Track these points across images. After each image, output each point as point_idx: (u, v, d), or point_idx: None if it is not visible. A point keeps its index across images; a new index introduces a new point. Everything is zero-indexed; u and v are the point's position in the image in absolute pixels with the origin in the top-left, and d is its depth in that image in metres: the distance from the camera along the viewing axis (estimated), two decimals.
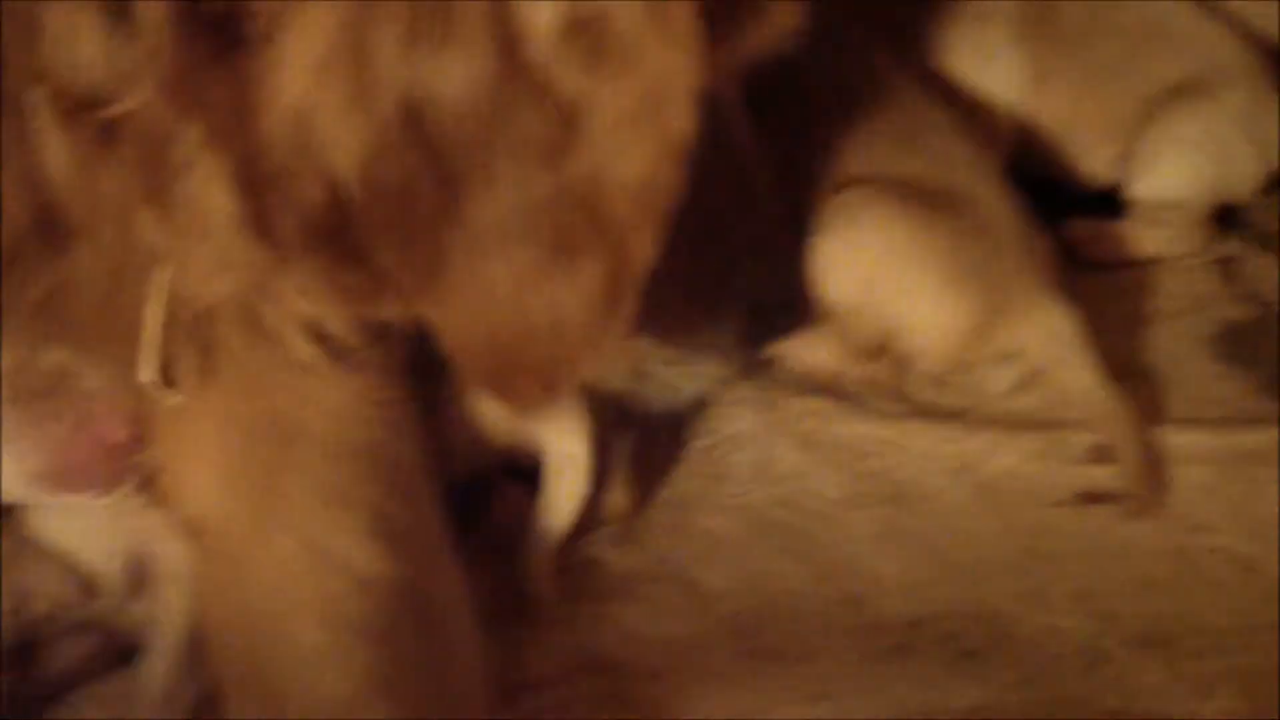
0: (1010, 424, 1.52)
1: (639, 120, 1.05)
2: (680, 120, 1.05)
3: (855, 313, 1.53)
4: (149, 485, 1.34)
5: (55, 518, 1.34)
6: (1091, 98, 1.81)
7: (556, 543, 1.39)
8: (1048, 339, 1.52)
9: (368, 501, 1.29)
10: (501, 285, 1.10)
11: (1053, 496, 1.44)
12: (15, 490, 1.32)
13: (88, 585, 1.33)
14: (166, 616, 1.31)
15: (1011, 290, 1.54)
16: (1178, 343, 1.64)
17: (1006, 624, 1.33)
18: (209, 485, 1.31)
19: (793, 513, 1.44)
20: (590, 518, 1.42)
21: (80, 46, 1.04)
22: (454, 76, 1.03)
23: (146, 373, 1.24)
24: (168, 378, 1.26)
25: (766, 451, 1.50)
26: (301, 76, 1.01)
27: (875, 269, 1.52)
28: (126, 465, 1.32)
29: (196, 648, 1.29)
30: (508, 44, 1.03)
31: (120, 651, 1.33)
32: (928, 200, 1.55)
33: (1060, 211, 1.75)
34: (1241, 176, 1.78)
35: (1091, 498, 1.44)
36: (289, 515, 1.28)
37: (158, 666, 1.30)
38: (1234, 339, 1.61)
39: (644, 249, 1.09)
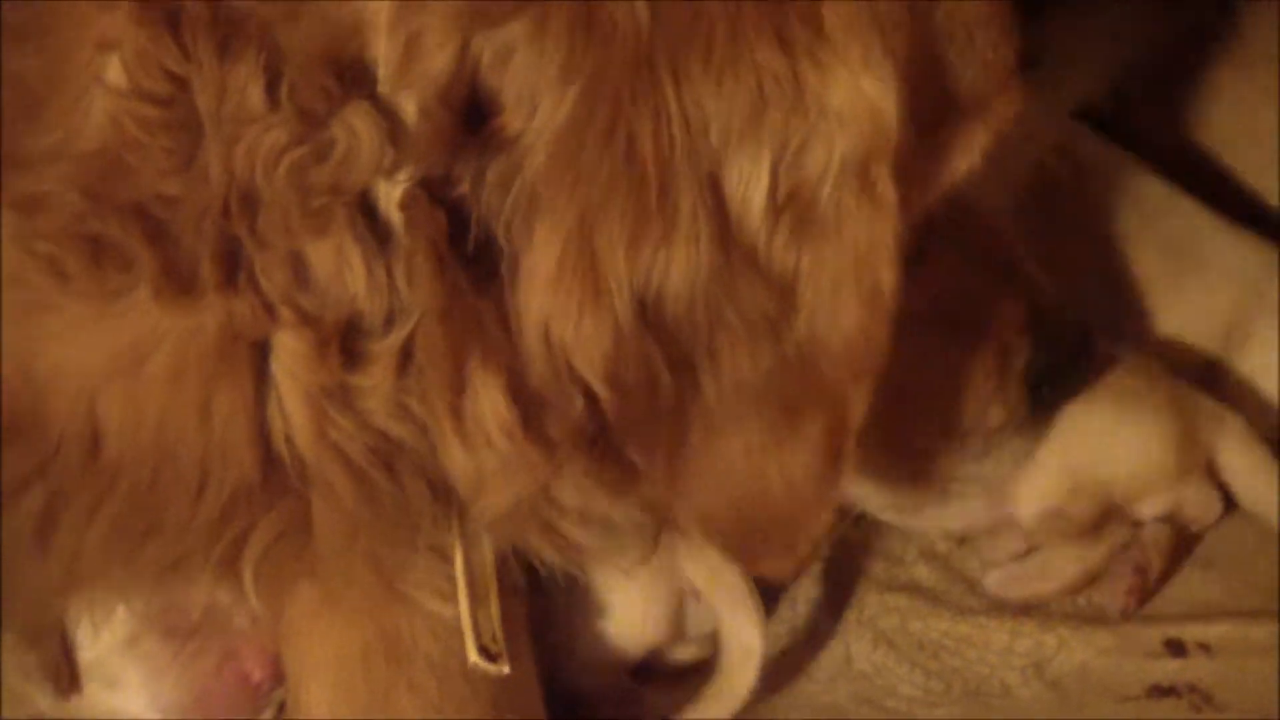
0: (1083, 619, 1.54)
1: (848, 283, 1.07)
2: (886, 276, 1.07)
3: (1072, 500, 1.57)
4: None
5: None
6: None
7: None
8: (1238, 444, 1.58)
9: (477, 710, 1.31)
10: (738, 458, 1.13)
11: (1125, 691, 1.47)
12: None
13: None
14: None
15: (1192, 401, 1.60)
16: None
17: None
18: (327, 704, 1.33)
19: (873, 710, 1.48)
20: None
21: (346, 280, 1.07)
22: (679, 268, 1.05)
23: (471, 652, 1.29)
24: (490, 651, 1.30)
25: (845, 648, 1.54)
26: (542, 288, 1.05)
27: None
28: (264, 701, 1.37)
29: None
30: (723, 228, 1.05)
31: None
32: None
33: None
34: None
35: (1162, 691, 1.46)
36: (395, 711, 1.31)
37: None
38: None
39: (860, 403, 1.12)
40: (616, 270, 1.05)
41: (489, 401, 1.11)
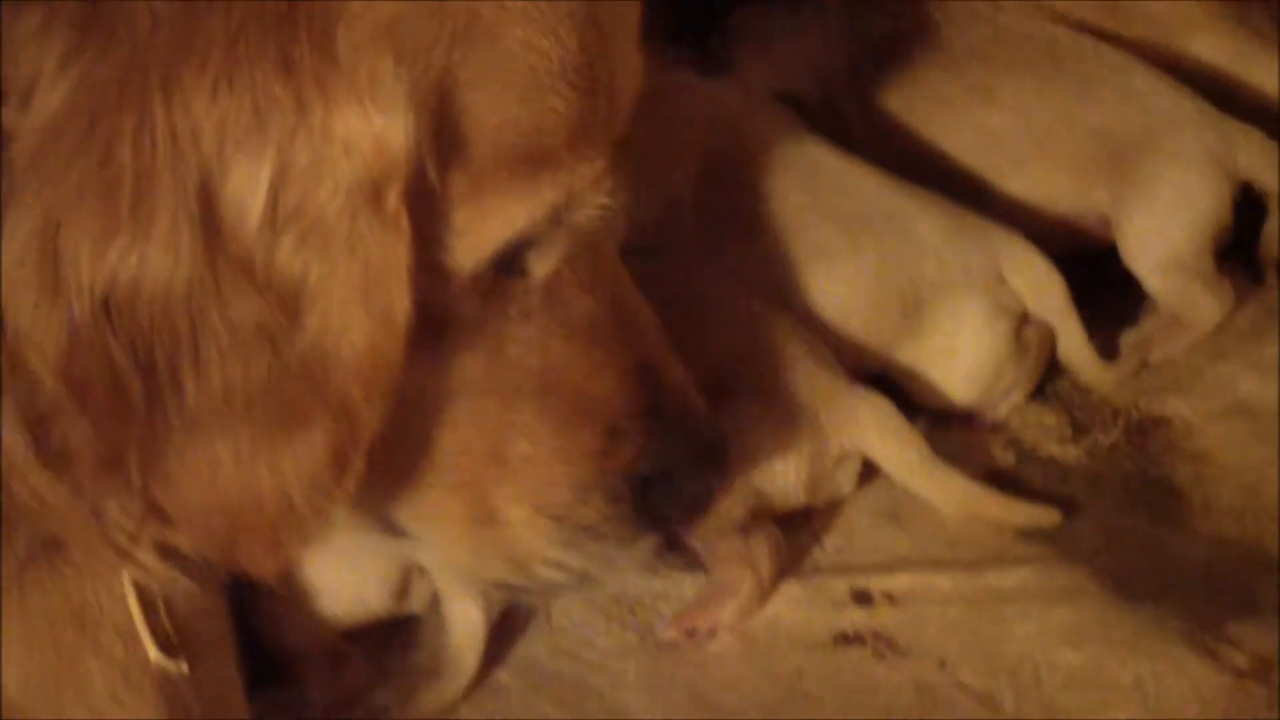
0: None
1: (359, 300, 1.09)
2: (399, 298, 1.10)
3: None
4: None
5: None
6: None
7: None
8: (876, 431, 1.62)
9: (161, 682, 1.31)
10: (226, 461, 1.13)
11: (813, 640, 1.51)
12: None
13: None
14: None
15: (831, 401, 1.62)
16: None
17: None
18: (18, 673, 1.31)
19: (567, 662, 1.50)
20: None
21: None
22: (153, 271, 1.06)
23: (152, 653, 1.29)
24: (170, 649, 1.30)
25: (544, 604, 1.55)
26: (5, 278, 1.05)
27: None
28: None
29: None
30: (212, 236, 1.06)
31: None
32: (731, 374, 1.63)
33: None
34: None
35: (848, 639, 1.51)
36: (86, 695, 1.31)
37: None
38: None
39: (371, 420, 1.14)
40: (78, 267, 1.06)
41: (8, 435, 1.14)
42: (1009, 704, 1.43)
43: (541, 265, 1.24)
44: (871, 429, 1.61)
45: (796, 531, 1.62)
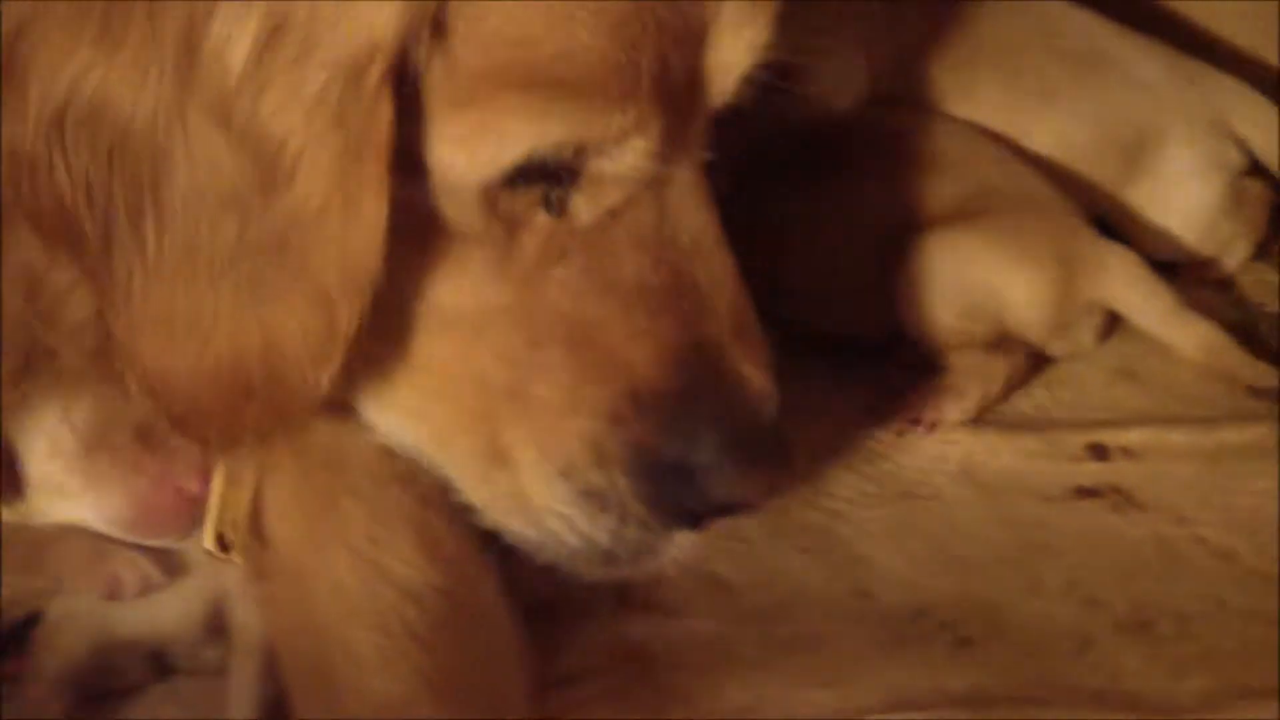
0: (1010, 425, 1.62)
1: (337, 181, 1.07)
2: (375, 187, 1.08)
3: (968, 326, 1.65)
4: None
5: None
6: None
7: None
8: (1123, 282, 1.65)
9: (412, 519, 1.35)
10: (205, 316, 1.13)
11: (1047, 492, 1.55)
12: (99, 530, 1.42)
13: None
14: (242, 653, 1.40)
15: (1079, 249, 1.65)
16: None
17: (1002, 612, 1.44)
18: (273, 513, 1.37)
19: (810, 511, 1.55)
20: None
21: None
22: (118, 89, 1.05)
23: (207, 537, 1.34)
24: (224, 544, 1.35)
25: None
26: None
27: (970, 287, 1.64)
28: (202, 512, 1.41)
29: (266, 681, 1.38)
30: (187, 68, 1.05)
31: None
32: (980, 209, 1.67)
33: None
34: None
35: (1085, 492, 1.54)
36: (344, 534, 1.35)
37: (241, 699, 1.39)
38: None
39: (350, 320, 1.12)
40: (40, 72, 1.06)
41: None
42: (1248, 557, 1.46)
43: (587, 209, 1.19)
44: (1119, 278, 1.63)
45: (1031, 385, 1.66)
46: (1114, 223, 1.77)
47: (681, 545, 1.26)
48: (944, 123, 1.79)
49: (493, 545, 1.37)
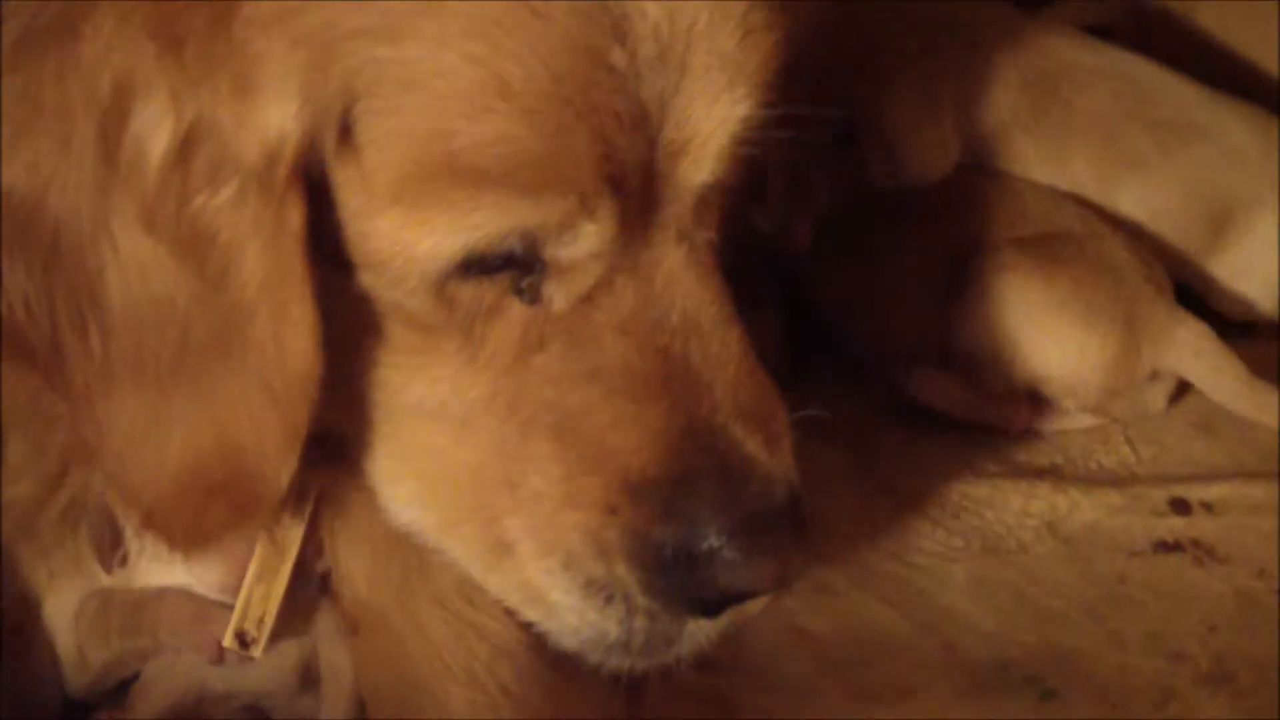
0: (1092, 481, 1.66)
1: (266, 283, 1.08)
2: (297, 287, 1.08)
3: (996, 362, 1.68)
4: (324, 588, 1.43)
5: None
6: None
7: None
8: (1191, 353, 1.68)
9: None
10: (160, 420, 1.15)
11: (1130, 546, 1.58)
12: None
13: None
14: (333, 703, 1.43)
15: (1147, 315, 1.68)
16: None
17: (1086, 664, 1.46)
18: (366, 571, 1.38)
19: (895, 564, 1.58)
20: None
21: None
22: (52, 192, 1.07)
23: (227, 638, 1.35)
24: (244, 641, 1.36)
25: (870, 509, 1.64)
26: None
27: (1018, 325, 1.67)
28: (306, 577, 1.42)
29: None
30: (110, 156, 1.07)
31: None
32: (1055, 253, 1.70)
33: None
34: None
35: (1167, 546, 1.57)
36: (435, 591, 1.36)
37: None
38: None
39: (300, 417, 1.13)
40: None
41: None
42: None
43: (561, 296, 1.16)
44: (1188, 351, 1.66)
45: (1111, 442, 1.70)
46: (1195, 287, 1.81)
47: (698, 635, 1.21)
48: (1029, 183, 1.84)
49: None
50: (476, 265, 1.12)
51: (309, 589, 1.42)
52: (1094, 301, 1.67)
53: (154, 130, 1.06)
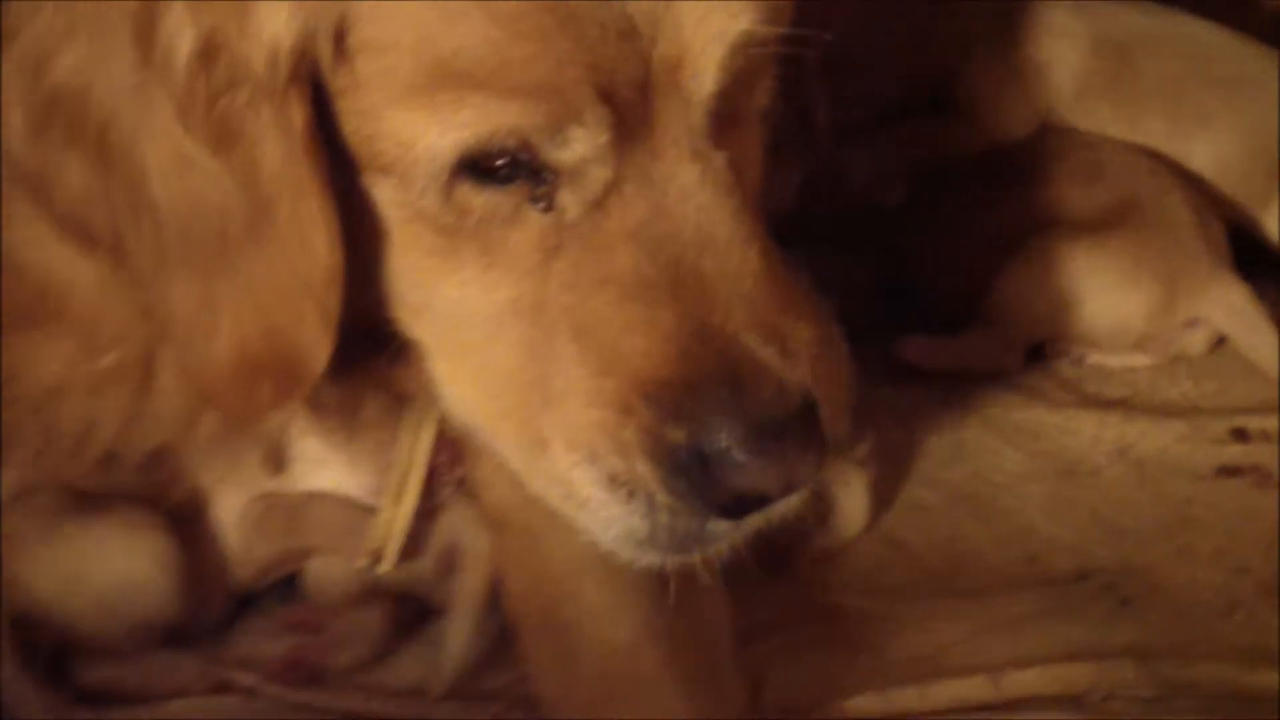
0: (1162, 411, 1.79)
1: (284, 178, 1.17)
2: (311, 185, 1.17)
3: (1038, 313, 1.83)
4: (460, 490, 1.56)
5: None
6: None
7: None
8: (1225, 310, 1.81)
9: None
10: (211, 307, 1.23)
11: (1197, 471, 1.71)
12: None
13: None
14: (470, 590, 1.53)
15: (1190, 271, 1.81)
16: None
17: (1157, 577, 1.60)
18: (507, 476, 1.40)
19: (981, 484, 1.71)
20: None
21: None
22: (96, 76, 1.16)
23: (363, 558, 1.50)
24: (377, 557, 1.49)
25: (958, 434, 1.78)
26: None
27: (1068, 279, 1.82)
28: (442, 480, 1.56)
29: (489, 613, 1.52)
30: (145, 52, 1.15)
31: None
32: (1114, 216, 1.84)
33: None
34: None
35: (1229, 471, 1.71)
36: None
37: (462, 629, 1.53)
38: None
39: (331, 306, 1.22)
40: (35, 55, 1.18)
41: None
42: None
43: (573, 204, 1.20)
44: (1220, 307, 1.80)
45: (1176, 376, 1.84)
46: (1257, 235, 1.93)
47: (723, 536, 1.24)
48: (1106, 140, 1.97)
49: None
50: (481, 168, 1.17)
51: (441, 495, 1.56)
52: (1141, 258, 1.81)
53: (178, 36, 1.14)
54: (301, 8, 1.14)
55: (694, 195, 1.22)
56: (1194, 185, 1.90)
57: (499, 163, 1.17)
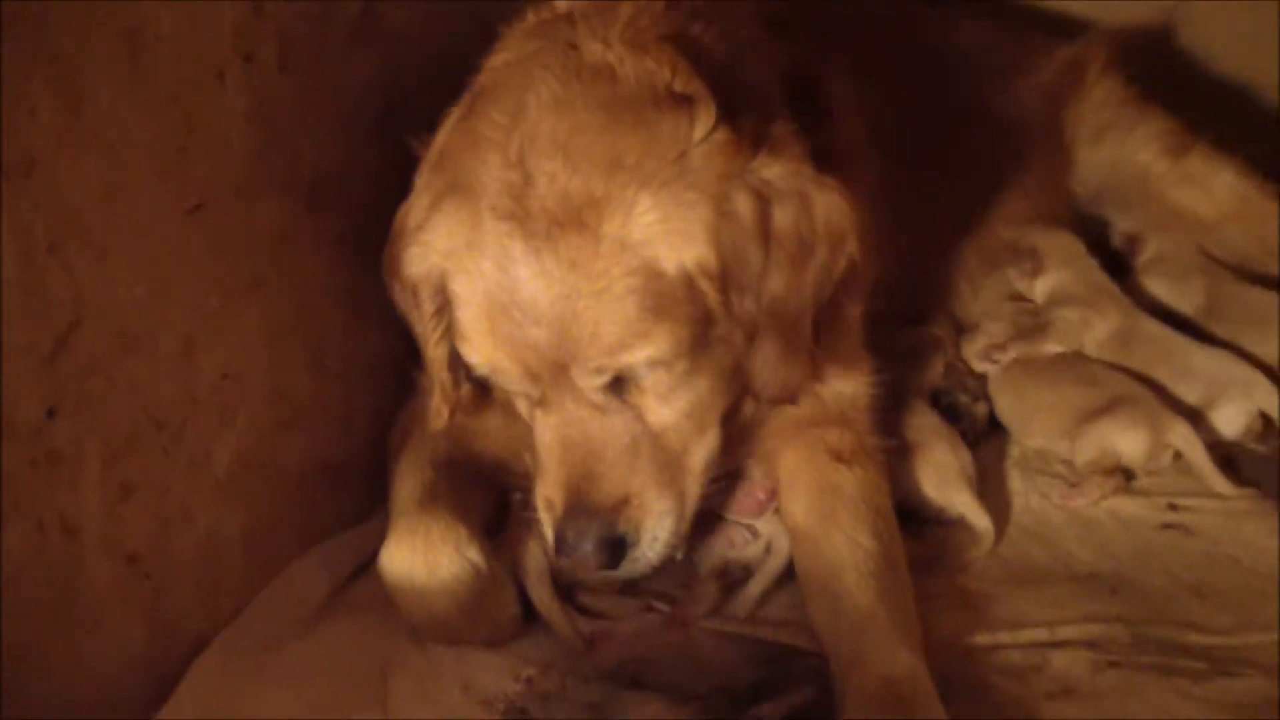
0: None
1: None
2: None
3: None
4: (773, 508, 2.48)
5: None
6: None
7: None
8: (1182, 441, 2.73)
9: (870, 518, 2.35)
10: (771, 360, 2.13)
11: (1149, 523, 2.71)
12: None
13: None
14: (773, 566, 2.44)
15: (1161, 421, 2.73)
16: None
17: (1134, 578, 2.56)
18: (799, 505, 2.42)
19: (1031, 520, 2.73)
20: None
21: None
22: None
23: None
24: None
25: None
26: None
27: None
28: (765, 509, 2.50)
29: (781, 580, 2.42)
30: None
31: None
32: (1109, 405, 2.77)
33: None
34: None
35: (1168, 526, 2.71)
36: (837, 521, 2.36)
37: (762, 585, 2.44)
38: None
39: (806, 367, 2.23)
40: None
41: None
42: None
43: (524, 406, 2.33)
44: (1181, 440, 2.74)
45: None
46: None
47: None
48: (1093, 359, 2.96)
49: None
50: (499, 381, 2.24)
51: (765, 512, 2.44)
52: (1141, 420, 2.76)
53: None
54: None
55: (588, 421, 2.18)
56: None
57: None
